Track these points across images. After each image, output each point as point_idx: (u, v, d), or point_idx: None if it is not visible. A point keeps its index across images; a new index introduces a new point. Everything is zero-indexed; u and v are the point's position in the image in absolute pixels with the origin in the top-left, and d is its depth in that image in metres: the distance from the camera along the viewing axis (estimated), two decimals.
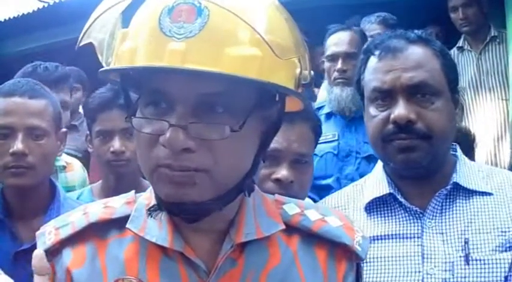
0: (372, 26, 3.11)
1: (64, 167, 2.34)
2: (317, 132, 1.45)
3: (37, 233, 0.90)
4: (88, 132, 1.96)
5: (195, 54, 0.72)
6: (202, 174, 0.76)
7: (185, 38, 0.73)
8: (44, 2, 5.42)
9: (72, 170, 2.30)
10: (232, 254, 0.84)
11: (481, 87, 3.34)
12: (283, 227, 0.88)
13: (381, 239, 1.22)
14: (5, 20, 5.34)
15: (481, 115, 3.32)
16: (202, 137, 0.75)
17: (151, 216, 0.83)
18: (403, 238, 1.21)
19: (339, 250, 0.89)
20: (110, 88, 1.90)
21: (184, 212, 0.80)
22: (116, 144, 1.85)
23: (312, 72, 0.87)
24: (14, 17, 5.28)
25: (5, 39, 5.34)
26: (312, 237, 0.89)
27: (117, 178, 1.93)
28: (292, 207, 0.91)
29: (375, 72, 1.23)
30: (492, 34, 3.36)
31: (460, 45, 3.43)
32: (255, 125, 0.80)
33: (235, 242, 0.83)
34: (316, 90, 3.18)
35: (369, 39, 2.53)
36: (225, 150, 0.76)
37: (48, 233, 0.88)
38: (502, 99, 3.29)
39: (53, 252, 0.87)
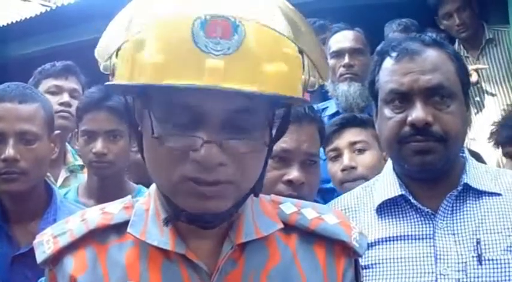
0: (394, 34, 3.08)
1: (82, 167, 2.34)
2: (322, 134, 1.47)
3: (34, 242, 0.90)
4: (76, 130, 1.98)
5: (235, 72, 0.72)
6: (230, 186, 0.78)
7: (223, 55, 0.72)
8: (46, 6, 5.44)
9: None
10: (232, 255, 0.84)
11: (482, 93, 3.25)
12: (282, 226, 0.88)
13: (393, 240, 1.23)
14: (8, 24, 5.36)
15: (482, 122, 3.20)
16: (239, 152, 0.76)
17: (166, 226, 0.83)
18: (415, 239, 1.21)
19: (337, 247, 0.90)
20: (101, 89, 1.90)
21: (204, 220, 0.81)
22: (98, 145, 1.87)
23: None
24: (16, 21, 5.30)
25: (8, 42, 5.35)
26: (310, 236, 0.90)
27: (100, 179, 1.94)
28: (289, 207, 0.92)
29: (391, 74, 1.23)
30: (487, 37, 3.26)
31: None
32: (268, 134, 0.82)
33: (235, 243, 0.84)
34: None
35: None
36: (252, 162, 0.79)
37: (46, 242, 0.88)
38: (507, 105, 3.22)
39: (53, 261, 0.87)
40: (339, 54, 2.59)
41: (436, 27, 3.34)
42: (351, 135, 1.88)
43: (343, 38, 2.61)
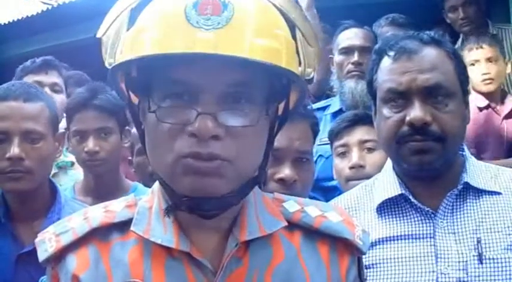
0: (383, 29, 3.06)
1: (72, 164, 2.35)
2: (315, 130, 1.46)
3: (36, 240, 0.90)
4: (67, 131, 1.99)
5: (225, 43, 0.76)
6: (227, 164, 0.79)
7: (213, 29, 0.77)
8: (47, 4, 5.44)
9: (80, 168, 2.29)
10: (237, 252, 0.84)
11: None
12: (286, 224, 0.89)
13: (394, 239, 1.23)
14: (9, 22, 5.37)
15: None
16: (233, 124, 0.78)
17: (168, 216, 0.84)
18: (415, 238, 1.21)
19: (341, 245, 0.90)
20: (88, 88, 1.96)
21: (204, 207, 0.81)
22: (90, 144, 1.91)
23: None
24: (17, 19, 5.31)
25: (9, 41, 5.36)
26: (313, 233, 0.90)
27: (95, 177, 1.97)
28: (292, 205, 0.93)
29: (389, 74, 1.23)
30: (491, 33, 3.25)
31: (459, 46, 3.31)
32: (266, 118, 0.83)
33: (239, 241, 0.84)
34: None
35: None
36: (247, 140, 0.80)
37: (48, 240, 0.88)
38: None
39: (56, 260, 0.87)
40: (348, 51, 2.57)
41: (437, 25, 3.34)
42: (362, 133, 1.86)
43: (354, 35, 2.60)
